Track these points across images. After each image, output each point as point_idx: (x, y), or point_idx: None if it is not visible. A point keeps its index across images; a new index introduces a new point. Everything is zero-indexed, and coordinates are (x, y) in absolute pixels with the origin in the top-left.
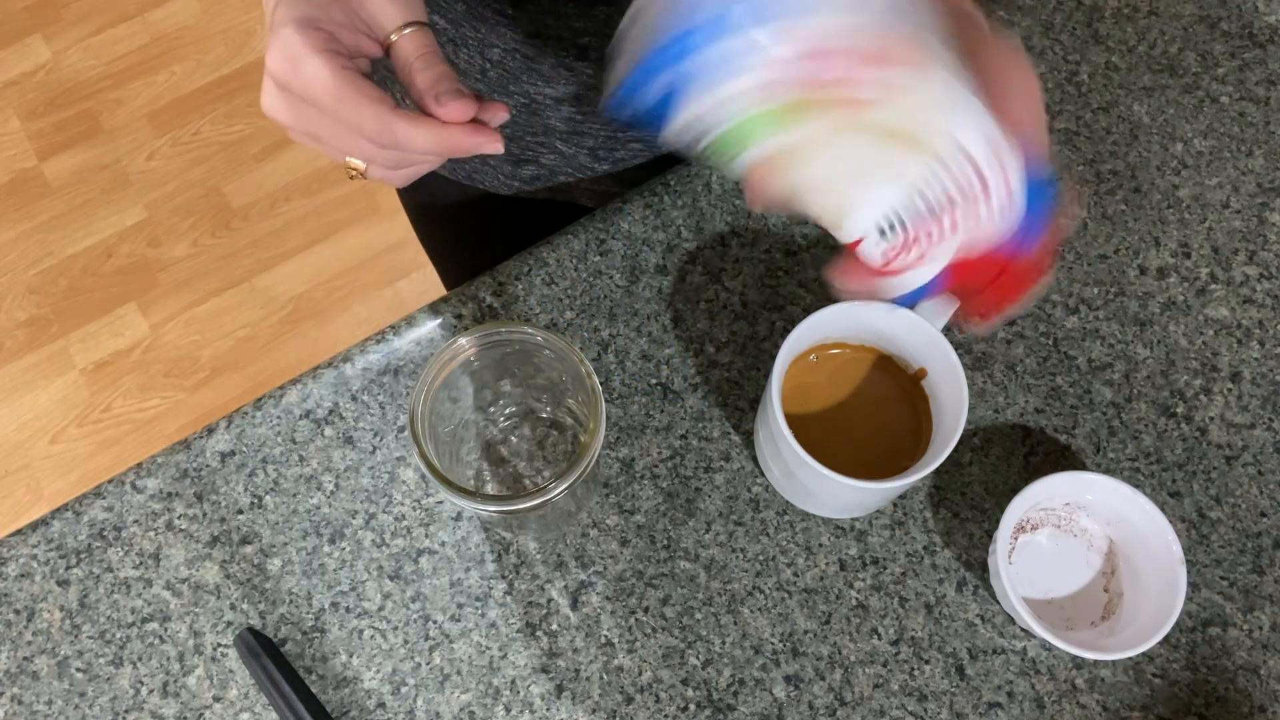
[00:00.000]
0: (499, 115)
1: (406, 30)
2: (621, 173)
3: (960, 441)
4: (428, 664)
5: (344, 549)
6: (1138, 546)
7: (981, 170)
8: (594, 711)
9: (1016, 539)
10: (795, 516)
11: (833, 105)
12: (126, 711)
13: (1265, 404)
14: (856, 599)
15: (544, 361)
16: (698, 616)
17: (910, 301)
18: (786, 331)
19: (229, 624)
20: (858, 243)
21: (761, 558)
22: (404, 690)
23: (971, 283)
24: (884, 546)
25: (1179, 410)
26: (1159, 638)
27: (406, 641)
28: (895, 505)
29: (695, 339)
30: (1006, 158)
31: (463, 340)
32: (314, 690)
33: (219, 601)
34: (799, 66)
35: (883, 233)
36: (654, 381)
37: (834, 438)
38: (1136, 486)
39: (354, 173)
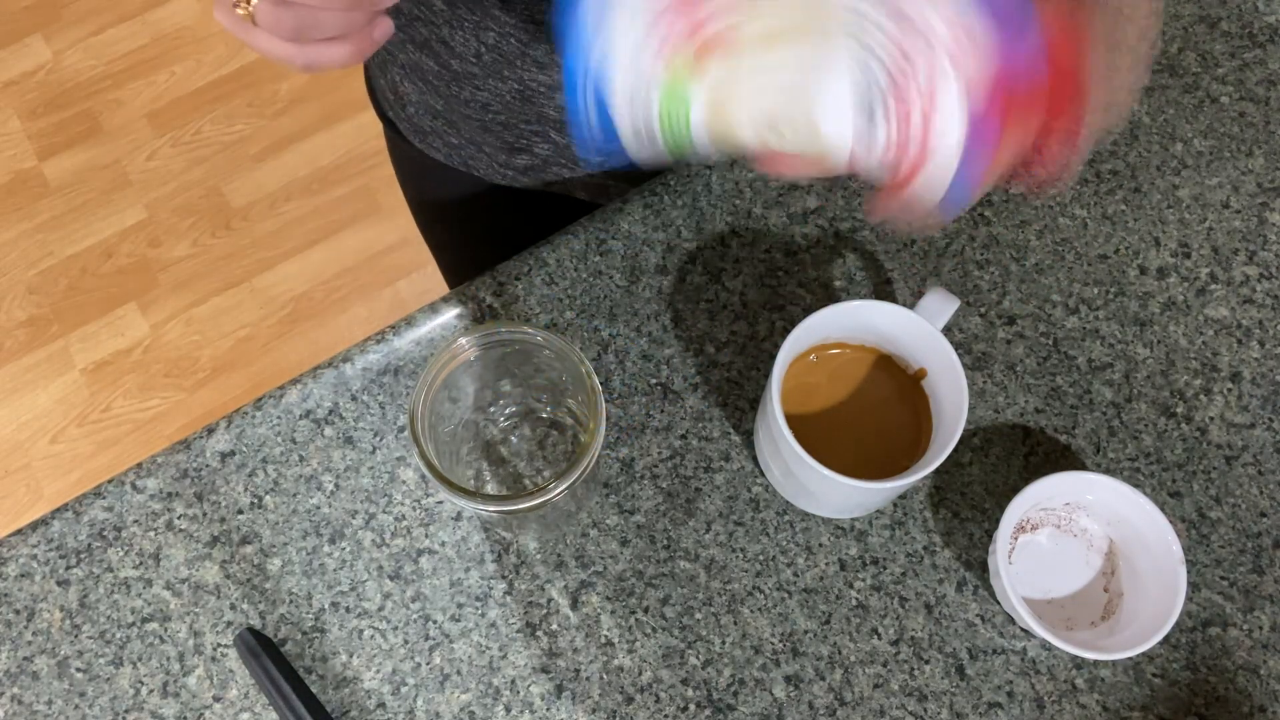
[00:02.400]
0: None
1: None
2: (619, 170)
3: (960, 441)
4: (428, 664)
5: (344, 549)
6: (1138, 546)
7: (902, 8)
8: (594, 711)
9: (1016, 539)
10: (795, 516)
11: (709, 49)
12: (126, 711)
13: (1265, 404)
14: (856, 599)
15: (544, 361)
16: (698, 616)
17: (966, 185)
18: (786, 331)
19: (229, 624)
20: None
21: (761, 558)
22: (404, 690)
23: (1010, 127)
24: (884, 546)
25: (1179, 410)
26: (1159, 638)
27: (406, 641)
28: (895, 505)
29: (695, 339)
30: None
31: (463, 340)
32: (314, 690)
33: (219, 601)
34: (658, 29)
35: (869, 125)
36: (654, 381)
37: (834, 438)
38: (1136, 486)
39: (242, 6)
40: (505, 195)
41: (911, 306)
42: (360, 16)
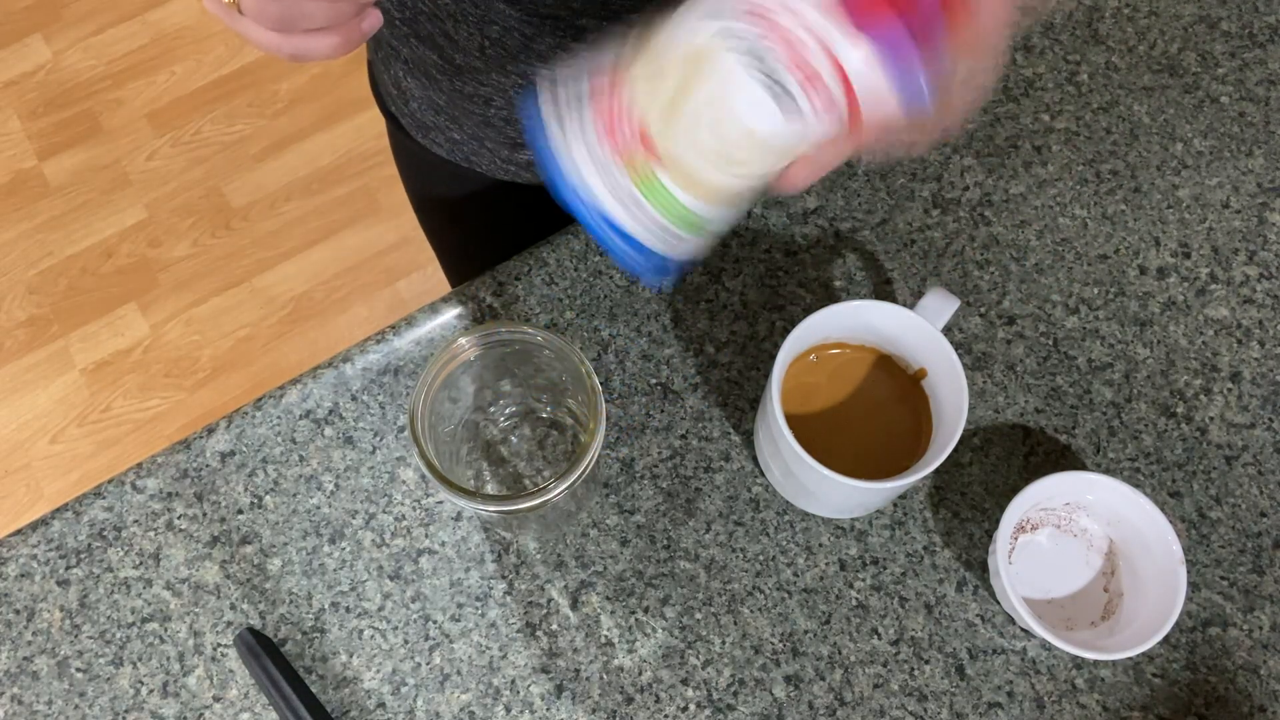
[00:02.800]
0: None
1: None
2: None
3: (960, 441)
4: (428, 664)
5: (344, 549)
6: (1138, 546)
7: (754, 6)
8: (594, 711)
9: (1016, 539)
10: (795, 516)
11: (644, 138)
12: (126, 711)
13: (1265, 404)
14: (856, 599)
15: (544, 361)
16: (698, 616)
17: (912, 84)
18: (786, 331)
19: (229, 624)
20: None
21: (761, 558)
22: (404, 690)
23: (910, 14)
24: (884, 546)
25: (1179, 410)
26: (1159, 638)
27: (406, 641)
28: (895, 505)
29: (695, 339)
30: None
31: (463, 340)
32: (314, 690)
33: (219, 601)
34: (603, 146)
35: (794, 104)
36: (654, 381)
37: (834, 438)
38: (1136, 486)
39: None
40: (507, 191)
41: (911, 306)
42: (347, 8)
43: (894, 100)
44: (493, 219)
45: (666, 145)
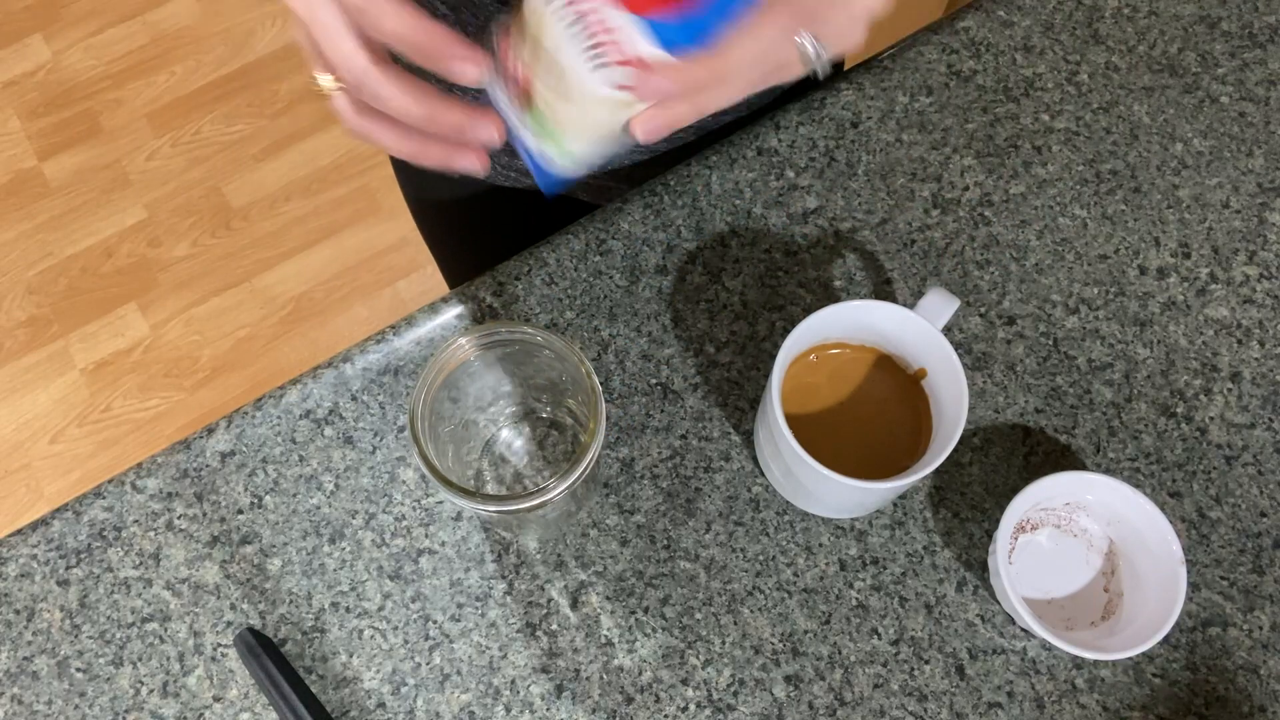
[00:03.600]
0: (488, 129)
1: None
2: (619, 169)
3: (960, 441)
4: (428, 664)
5: (344, 549)
6: (1138, 546)
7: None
8: (594, 711)
9: (1016, 539)
10: (795, 516)
11: (525, 86)
12: (126, 711)
13: (1265, 404)
14: (856, 599)
15: (544, 361)
16: (698, 616)
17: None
18: (786, 331)
19: (229, 624)
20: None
21: (761, 558)
22: (404, 690)
23: None
24: (884, 546)
25: (1179, 410)
26: (1159, 638)
27: (406, 641)
28: (895, 505)
29: (695, 339)
30: None
31: (463, 340)
32: (314, 690)
33: (219, 601)
34: (507, 87)
35: (605, 66)
36: (654, 381)
37: (834, 438)
38: (1136, 486)
39: (320, 90)
40: (505, 196)
41: (911, 306)
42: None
43: (664, 51)
44: (490, 223)
45: (536, 88)
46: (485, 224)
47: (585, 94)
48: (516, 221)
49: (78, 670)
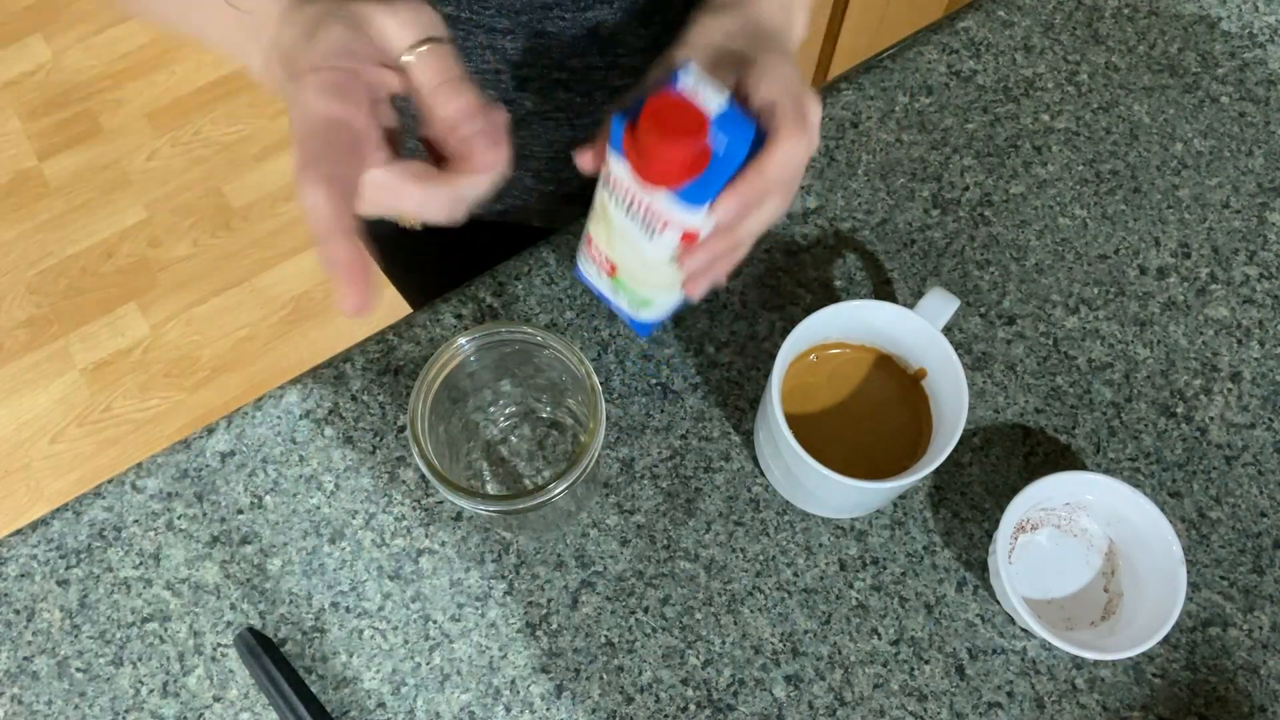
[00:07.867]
0: (346, 301)
1: (421, 49)
2: (569, 192)
3: (960, 441)
4: (428, 664)
5: (344, 549)
6: (1138, 546)
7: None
8: (594, 711)
9: (1016, 539)
10: (795, 516)
11: (610, 266)
12: (126, 711)
13: (1265, 404)
14: (856, 599)
15: (544, 361)
16: (698, 616)
17: (736, 135)
18: (786, 331)
19: (229, 624)
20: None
21: (761, 558)
22: (404, 690)
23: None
24: (884, 546)
25: (1179, 410)
26: (1159, 638)
27: (406, 641)
28: (895, 505)
29: (695, 339)
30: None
31: (463, 340)
32: (314, 690)
33: (219, 601)
34: (596, 265)
35: (661, 237)
36: (654, 381)
37: (834, 438)
38: (1136, 486)
39: (411, 224)
40: (470, 228)
41: (911, 306)
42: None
43: (694, 217)
44: (449, 253)
45: (616, 262)
46: (441, 254)
47: (649, 259)
48: (471, 251)
49: (78, 670)
